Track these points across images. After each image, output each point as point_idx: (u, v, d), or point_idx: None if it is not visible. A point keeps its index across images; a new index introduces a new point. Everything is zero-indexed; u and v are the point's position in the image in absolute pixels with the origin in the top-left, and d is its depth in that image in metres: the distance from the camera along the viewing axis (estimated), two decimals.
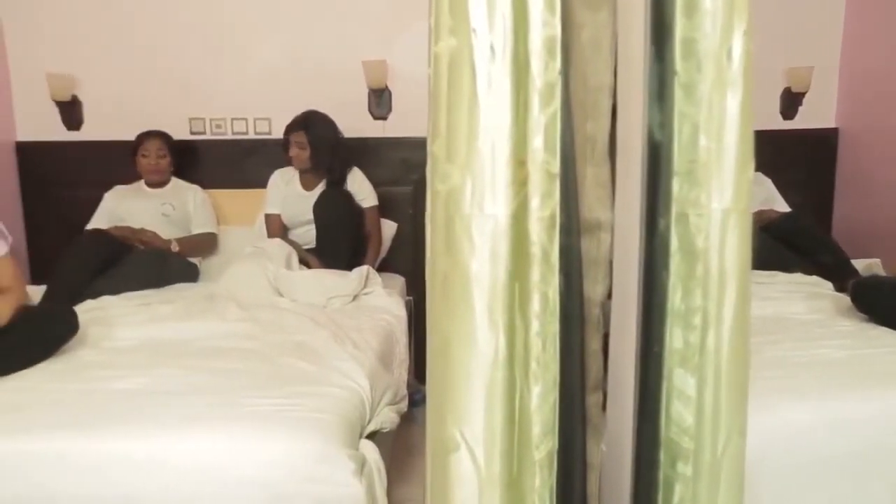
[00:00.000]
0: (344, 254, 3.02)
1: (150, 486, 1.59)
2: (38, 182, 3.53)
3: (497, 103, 0.98)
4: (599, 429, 1.32)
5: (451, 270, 1.03)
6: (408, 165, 3.38)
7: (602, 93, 1.15)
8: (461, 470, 1.10)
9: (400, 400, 2.28)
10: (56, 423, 1.67)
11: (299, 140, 3.06)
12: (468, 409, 1.06)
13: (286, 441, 1.62)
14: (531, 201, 1.00)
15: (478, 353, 1.03)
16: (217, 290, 2.79)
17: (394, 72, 3.38)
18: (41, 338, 2.10)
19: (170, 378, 1.91)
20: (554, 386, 1.07)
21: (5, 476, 1.59)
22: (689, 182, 1.03)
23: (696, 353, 1.09)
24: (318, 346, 2.20)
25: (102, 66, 3.47)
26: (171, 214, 3.21)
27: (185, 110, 3.48)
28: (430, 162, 1.10)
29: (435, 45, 1.06)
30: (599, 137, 1.16)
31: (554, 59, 0.98)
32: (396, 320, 2.65)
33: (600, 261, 1.23)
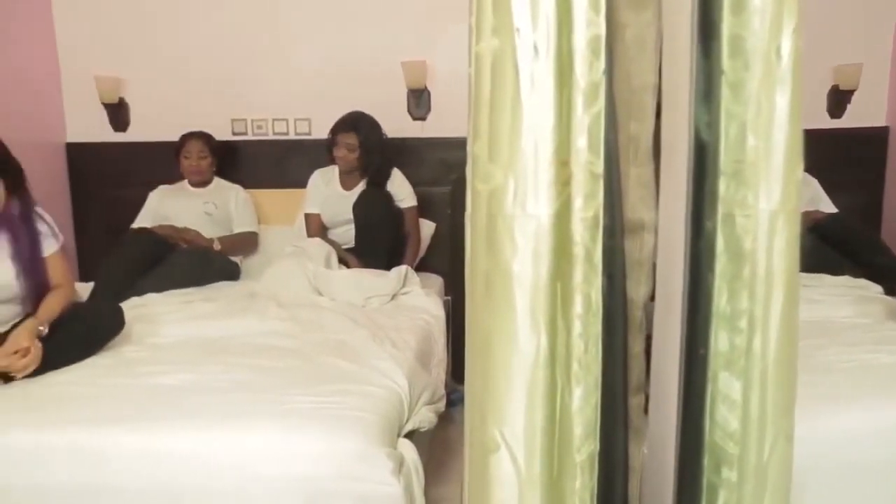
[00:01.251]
0: (383, 253, 3.04)
1: (193, 481, 1.62)
2: (86, 182, 3.62)
3: (540, 103, 0.98)
4: (641, 432, 1.31)
5: (493, 270, 1.03)
6: (446, 165, 3.39)
7: (646, 92, 1.13)
8: (501, 470, 1.10)
9: (438, 399, 2.28)
10: (103, 417, 1.71)
11: (349, 141, 3.08)
12: (509, 410, 1.05)
13: (326, 439, 1.64)
14: (574, 202, 1.00)
15: (519, 353, 1.03)
16: (258, 288, 2.83)
17: (433, 72, 3.39)
18: (89, 334, 2.15)
19: (212, 375, 1.94)
20: (596, 387, 1.06)
21: (54, 467, 1.64)
22: (736, 182, 1.01)
23: (741, 357, 1.07)
24: (358, 345, 2.22)
25: (148, 69, 3.55)
26: (213, 214, 3.26)
27: (228, 111, 3.54)
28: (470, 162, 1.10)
29: (476, 44, 1.06)
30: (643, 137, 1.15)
31: (598, 59, 0.97)
32: (435, 320, 2.66)
33: (643, 262, 1.21)
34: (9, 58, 3.21)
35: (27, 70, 3.36)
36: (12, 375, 1.90)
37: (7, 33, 3.21)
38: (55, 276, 2.17)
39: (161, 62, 3.54)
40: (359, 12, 3.44)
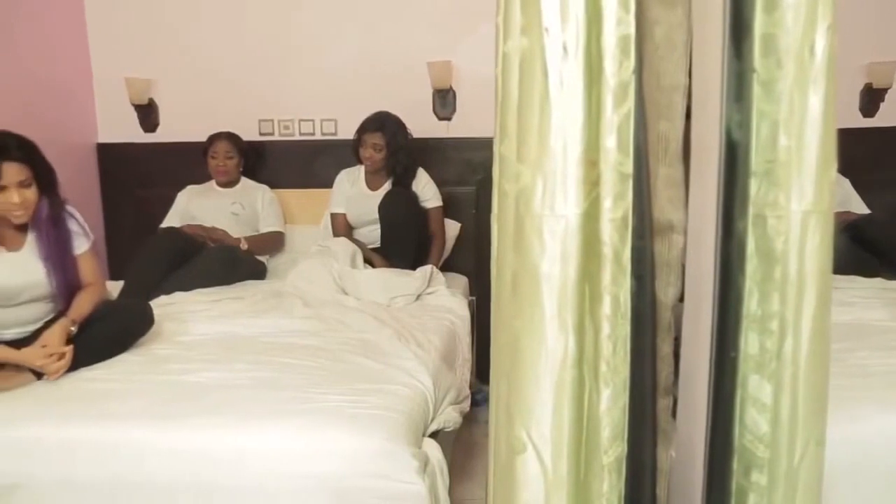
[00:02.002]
0: (408, 253, 3.04)
1: (220, 478, 1.63)
2: (116, 182, 3.68)
3: (569, 103, 0.97)
4: (669, 434, 1.29)
5: (521, 270, 1.02)
6: (471, 166, 3.39)
7: (676, 92, 1.12)
8: (528, 471, 1.09)
9: (463, 399, 2.28)
10: (133, 413, 1.74)
11: (376, 142, 3.10)
12: (536, 411, 1.05)
13: (351, 437, 1.64)
14: (603, 202, 0.99)
15: (547, 353, 1.02)
16: (284, 287, 2.85)
17: (458, 72, 3.39)
18: (120, 331, 2.18)
19: (240, 372, 1.96)
20: (624, 389, 1.05)
21: (84, 461, 1.67)
22: (768, 182, 1.00)
23: (772, 360, 1.05)
24: (383, 344, 2.22)
25: (177, 71, 3.59)
26: (240, 213, 3.29)
27: (255, 112, 3.58)
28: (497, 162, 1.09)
29: (503, 44, 1.06)
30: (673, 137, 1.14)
31: (628, 58, 0.96)
32: (460, 320, 2.66)
33: (672, 263, 1.20)
34: (43, 61, 3.27)
35: (60, 73, 3.43)
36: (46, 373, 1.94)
37: (41, 37, 3.28)
38: (86, 275, 2.21)
39: (189, 64, 3.58)
40: (385, 13, 3.45)
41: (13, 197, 1.93)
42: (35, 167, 1.98)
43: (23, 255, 2.05)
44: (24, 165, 1.94)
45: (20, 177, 1.93)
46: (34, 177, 1.98)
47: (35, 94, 3.18)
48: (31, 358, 1.91)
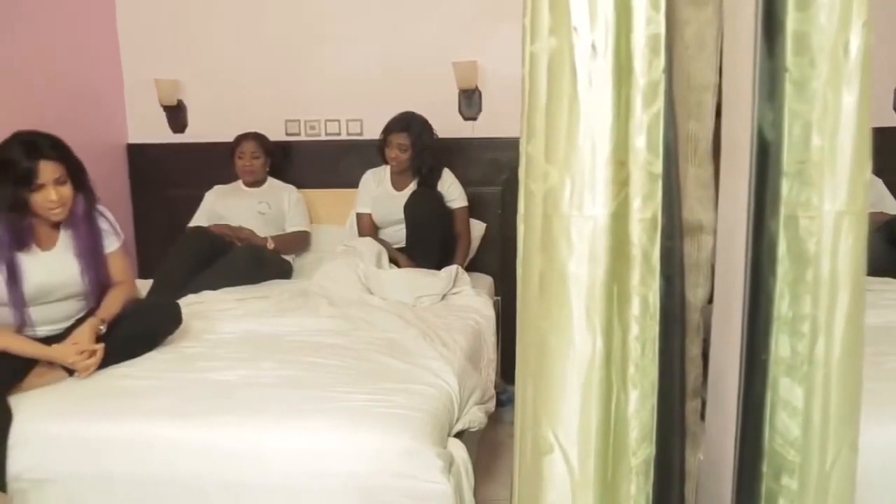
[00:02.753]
0: (434, 253, 3.04)
1: (247, 475, 1.65)
2: (145, 182, 3.73)
3: (598, 103, 0.97)
4: (697, 437, 1.28)
5: (548, 271, 1.02)
6: (497, 166, 3.38)
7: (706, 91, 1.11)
8: (554, 472, 1.09)
9: (488, 400, 2.28)
10: (163, 410, 1.76)
11: (401, 142, 3.10)
12: (563, 412, 1.04)
13: (377, 436, 1.65)
14: (632, 202, 0.98)
15: (574, 354, 1.02)
16: (310, 286, 2.87)
17: (484, 72, 3.39)
18: (149, 329, 2.21)
19: (266, 371, 1.98)
20: (652, 391, 1.05)
21: (114, 458, 1.69)
22: (800, 183, 0.99)
23: (804, 363, 1.04)
24: (408, 344, 2.23)
25: (205, 72, 3.63)
26: (266, 213, 3.32)
27: (281, 112, 3.60)
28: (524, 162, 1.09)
29: (531, 44, 1.06)
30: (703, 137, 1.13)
31: (658, 58, 0.95)
32: (485, 320, 2.65)
33: (701, 264, 1.19)
34: (75, 63, 3.33)
35: (92, 74, 3.48)
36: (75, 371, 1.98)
37: (74, 41, 3.33)
38: (116, 273, 2.24)
39: (217, 65, 3.62)
40: (410, 13, 3.46)
41: (51, 194, 1.97)
42: (68, 165, 2.02)
43: (56, 254, 2.09)
44: (58, 163, 1.98)
45: (56, 174, 1.97)
46: (68, 174, 2.01)
47: (68, 96, 3.23)
48: (62, 355, 1.95)
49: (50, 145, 1.99)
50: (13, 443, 1.72)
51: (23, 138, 1.96)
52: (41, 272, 2.03)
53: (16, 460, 1.71)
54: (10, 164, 1.92)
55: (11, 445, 1.72)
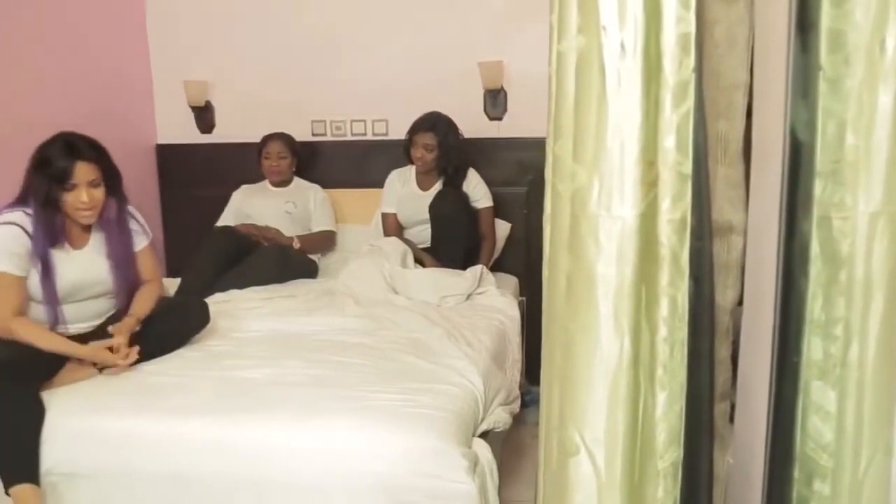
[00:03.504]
0: (459, 253, 3.04)
1: (274, 472, 1.66)
2: (174, 181, 3.77)
3: (626, 102, 0.96)
4: (725, 440, 1.27)
5: (576, 271, 1.02)
6: (523, 166, 3.37)
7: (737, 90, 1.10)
8: (580, 474, 1.08)
9: (513, 400, 2.28)
10: (191, 408, 1.78)
11: (426, 142, 3.10)
12: (590, 413, 1.04)
13: (402, 435, 1.65)
14: (661, 203, 0.97)
15: (601, 355, 1.01)
16: (335, 286, 2.88)
17: (510, 72, 3.38)
18: (178, 327, 2.24)
19: (293, 369, 1.99)
20: (680, 393, 1.03)
21: (143, 454, 1.72)
22: (834, 183, 0.97)
23: (837, 366, 1.02)
24: (433, 343, 2.23)
25: (233, 73, 3.66)
26: (293, 212, 3.34)
27: (308, 113, 3.62)
28: (550, 162, 1.09)
29: (558, 43, 1.05)
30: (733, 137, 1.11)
31: (688, 57, 0.94)
32: (510, 320, 2.64)
33: (731, 265, 1.17)
34: (106, 65, 3.38)
35: (122, 76, 3.53)
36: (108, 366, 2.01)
37: (104, 42, 3.39)
38: (145, 272, 2.27)
39: (244, 66, 3.65)
40: (436, 14, 3.45)
41: (82, 195, 2.00)
42: (104, 169, 2.05)
43: (88, 253, 2.12)
44: (94, 166, 2.02)
45: (90, 176, 2.01)
46: (102, 178, 2.05)
47: (99, 97, 3.28)
48: (92, 353, 1.98)
49: (89, 147, 2.02)
50: (45, 437, 1.75)
51: (64, 138, 2.01)
52: (73, 270, 2.07)
53: (48, 455, 1.74)
54: (49, 161, 1.97)
55: (44, 440, 1.75)
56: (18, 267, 1.96)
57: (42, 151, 1.99)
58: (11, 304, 1.96)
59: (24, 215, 1.98)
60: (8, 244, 1.94)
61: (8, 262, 1.94)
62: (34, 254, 1.98)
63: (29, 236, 1.97)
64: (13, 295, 1.96)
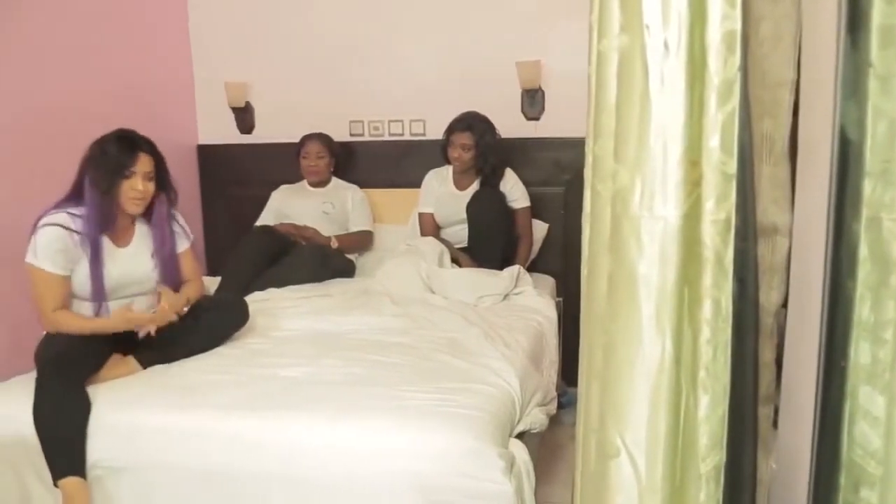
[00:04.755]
0: (496, 253, 3.03)
1: (312, 470, 1.68)
2: (214, 181, 3.83)
3: (670, 101, 0.95)
4: (768, 444, 1.25)
5: (617, 272, 1.01)
6: (560, 166, 3.35)
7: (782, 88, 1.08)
8: (621, 476, 1.07)
9: (549, 401, 2.26)
10: (231, 405, 1.81)
11: (464, 141, 3.10)
12: (631, 415, 1.03)
13: (439, 434, 1.66)
14: (705, 203, 0.96)
15: (643, 357, 1.00)
16: (372, 285, 2.90)
17: (547, 72, 3.36)
18: (217, 325, 2.28)
19: (331, 368, 2.01)
20: (724, 396, 1.02)
21: (184, 449, 1.75)
22: (884, 183, 0.95)
23: (886, 370, 1.00)
24: (470, 343, 2.23)
25: (272, 75, 3.71)
26: (331, 212, 3.37)
27: (346, 113, 3.65)
28: (590, 162, 1.08)
29: (598, 42, 1.04)
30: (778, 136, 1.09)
31: (733, 55, 0.93)
32: (547, 321, 2.63)
33: (776, 267, 1.15)
34: (149, 66, 3.45)
35: (165, 77, 3.61)
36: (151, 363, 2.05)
37: (148, 44, 3.46)
38: (186, 272, 2.32)
39: (284, 68, 3.69)
40: (473, 13, 3.45)
41: (138, 184, 2.07)
42: (158, 165, 2.11)
43: (132, 251, 2.17)
44: (151, 160, 2.10)
45: (147, 168, 2.09)
46: (155, 174, 2.11)
47: (143, 98, 3.35)
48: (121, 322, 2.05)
49: (146, 142, 2.12)
50: (91, 431, 1.80)
51: (125, 132, 2.10)
52: (117, 267, 2.12)
53: (93, 448, 1.78)
54: (110, 151, 2.05)
55: (89, 434, 1.79)
56: (61, 266, 2.03)
57: (102, 144, 2.07)
58: (54, 300, 2.03)
59: (67, 216, 2.04)
60: (52, 245, 2.01)
61: (51, 262, 2.01)
62: (83, 246, 2.04)
63: (73, 232, 2.03)
64: (55, 292, 2.03)
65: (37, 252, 2.00)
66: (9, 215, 2.51)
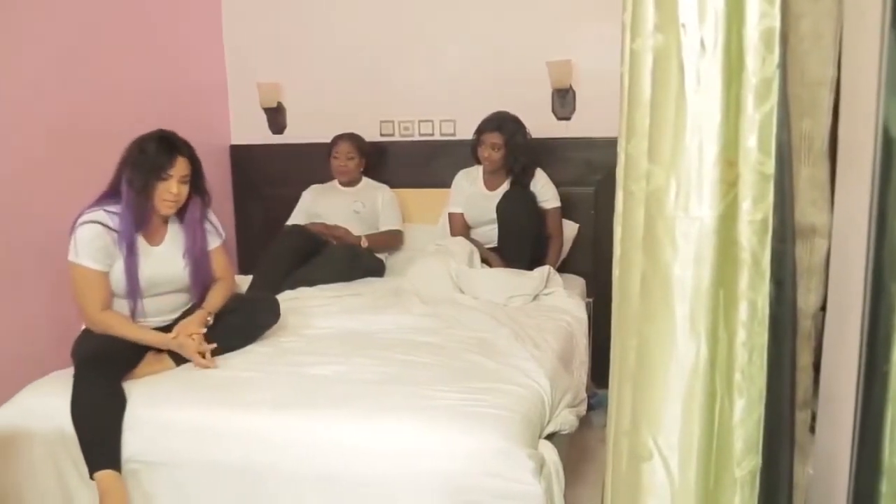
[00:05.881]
0: (526, 253, 3.02)
1: (345, 468, 1.69)
2: (246, 181, 3.88)
3: (706, 101, 0.93)
4: (806, 449, 1.22)
5: (651, 273, 1.00)
6: (591, 166, 3.33)
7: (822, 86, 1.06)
8: (654, 479, 1.06)
9: (579, 402, 2.25)
10: (263, 403, 1.83)
11: (494, 141, 3.10)
12: (664, 418, 1.02)
13: (468, 434, 1.66)
14: (742, 204, 0.94)
15: (677, 359, 0.99)
16: (402, 285, 2.90)
17: (578, 71, 3.34)
18: (250, 324, 2.30)
19: (361, 367, 2.02)
20: (759, 400, 1.00)
21: (218, 446, 1.77)
22: None
23: None
24: (500, 343, 2.22)
25: (304, 76, 3.74)
26: (361, 212, 3.38)
27: (376, 113, 3.67)
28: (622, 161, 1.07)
29: (632, 42, 1.03)
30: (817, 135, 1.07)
31: (772, 53, 0.91)
32: (577, 322, 2.61)
33: (814, 269, 1.13)
34: (183, 68, 3.50)
35: (199, 79, 3.66)
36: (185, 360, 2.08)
37: (182, 46, 3.51)
38: (217, 270, 2.34)
39: (315, 69, 3.72)
40: (504, 13, 3.45)
41: (173, 187, 2.10)
42: (194, 168, 2.14)
43: (165, 249, 2.20)
44: (188, 163, 2.13)
45: (183, 172, 2.12)
46: (190, 176, 2.13)
47: (177, 99, 3.41)
48: (174, 342, 2.06)
49: (185, 146, 2.14)
50: (126, 426, 1.83)
51: (165, 134, 2.13)
52: (150, 265, 2.15)
53: (128, 443, 1.82)
54: (149, 152, 2.08)
55: (125, 429, 1.83)
56: (101, 262, 2.06)
57: (141, 144, 2.10)
58: (100, 299, 2.06)
59: (105, 213, 2.08)
60: (92, 242, 2.04)
61: (92, 259, 2.04)
62: (119, 244, 2.07)
63: (111, 230, 2.06)
64: (100, 289, 2.07)
65: (78, 250, 2.04)
66: (50, 213, 2.56)
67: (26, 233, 2.56)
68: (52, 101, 2.69)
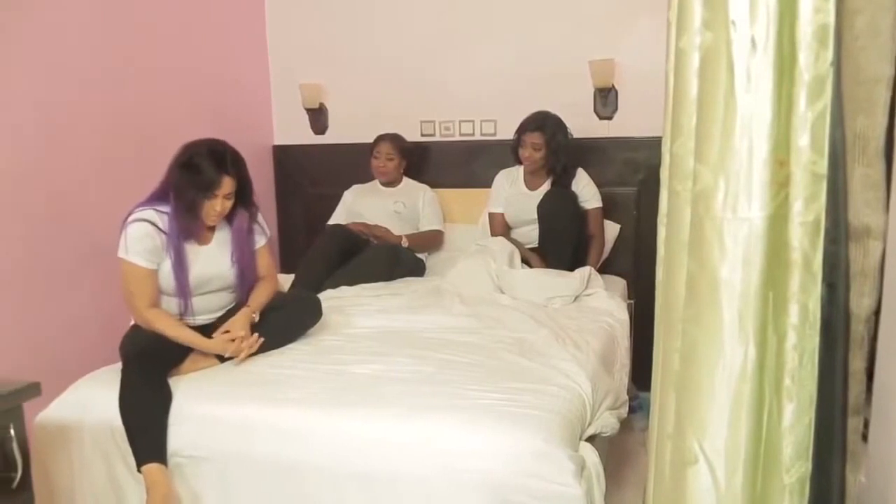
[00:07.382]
0: (566, 254, 3.00)
1: (383, 467, 1.70)
2: (289, 181, 3.93)
3: (757, 100, 0.92)
4: (857, 457, 1.19)
5: (698, 275, 0.98)
6: (633, 166, 3.29)
7: (878, 84, 1.02)
8: (699, 484, 1.05)
9: (620, 405, 2.22)
10: (305, 400, 1.85)
11: (535, 141, 3.09)
12: (711, 422, 1.00)
13: (508, 435, 1.65)
14: (793, 204, 0.92)
15: (724, 363, 0.97)
16: (442, 284, 2.91)
17: (621, 71, 3.30)
18: (292, 322, 2.33)
19: (402, 366, 2.03)
20: (810, 405, 0.98)
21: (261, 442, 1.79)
22: None
23: None
24: (540, 344, 2.21)
25: (346, 77, 3.77)
26: (402, 212, 3.40)
27: (417, 114, 3.68)
28: (667, 161, 1.05)
29: (678, 40, 1.02)
30: (873, 134, 1.04)
31: (826, 50, 0.89)
32: (618, 323, 2.58)
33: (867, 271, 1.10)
34: (228, 69, 3.57)
35: (243, 80, 3.72)
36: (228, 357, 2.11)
37: (227, 49, 3.57)
38: (262, 269, 2.37)
39: (357, 69, 3.75)
40: (545, 12, 3.43)
41: (217, 205, 2.13)
42: (240, 183, 2.16)
43: (212, 249, 2.24)
44: (234, 181, 2.14)
45: (228, 190, 2.14)
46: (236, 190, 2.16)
47: (222, 100, 3.47)
48: (218, 346, 2.10)
49: (233, 161, 2.14)
50: (172, 421, 1.87)
51: (214, 147, 2.13)
52: (200, 265, 2.19)
53: (174, 437, 1.85)
54: (198, 168, 2.09)
55: (171, 423, 1.86)
56: (150, 261, 2.10)
57: (191, 156, 2.11)
58: (148, 296, 2.11)
59: (155, 213, 2.12)
60: (142, 240, 2.08)
61: (141, 257, 2.09)
62: (167, 247, 2.11)
63: (160, 231, 2.10)
64: (148, 287, 2.11)
65: (127, 247, 2.08)
66: (100, 210, 2.64)
67: (77, 230, 2.63)
68: (102, 101, 2.75)
